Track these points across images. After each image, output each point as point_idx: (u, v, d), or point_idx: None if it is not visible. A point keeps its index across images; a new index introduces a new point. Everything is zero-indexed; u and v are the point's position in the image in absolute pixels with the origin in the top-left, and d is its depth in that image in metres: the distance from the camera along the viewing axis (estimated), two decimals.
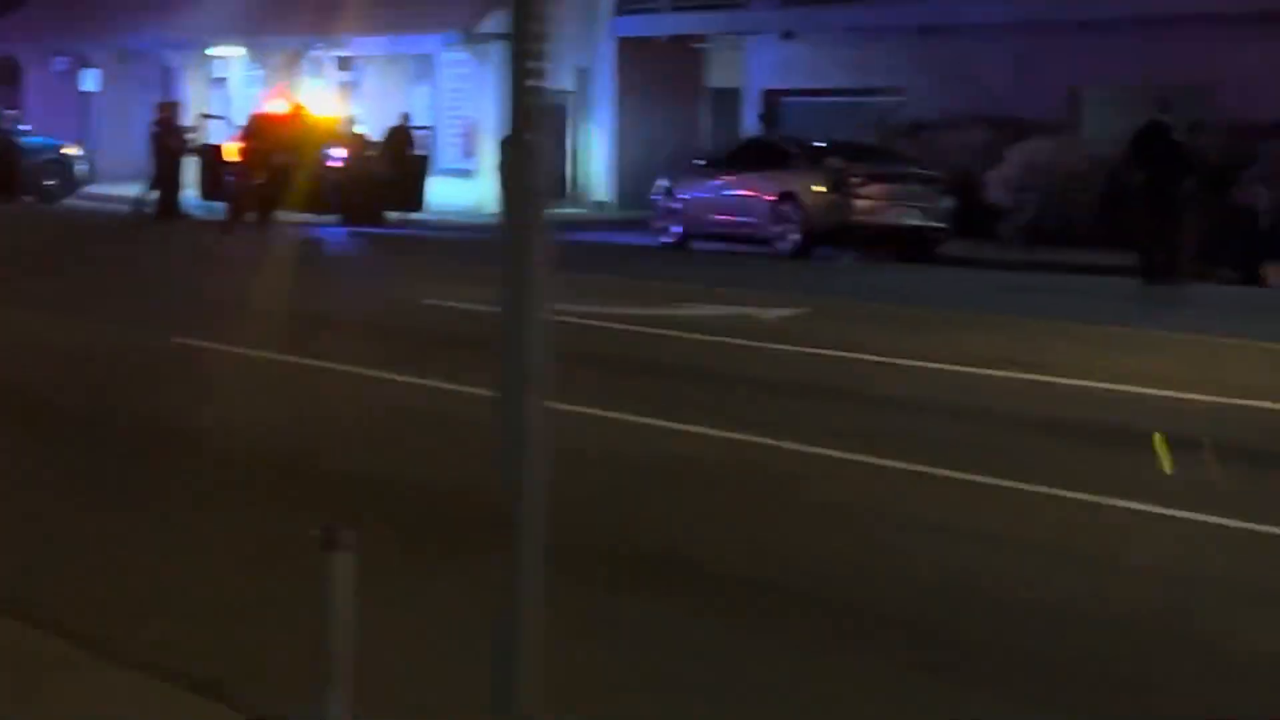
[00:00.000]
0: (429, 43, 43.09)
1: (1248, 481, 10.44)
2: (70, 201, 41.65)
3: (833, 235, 29.46)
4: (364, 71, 45.98)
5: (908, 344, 16.66)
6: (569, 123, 43.15)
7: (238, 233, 32.08)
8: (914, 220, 29.73)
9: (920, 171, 30.36)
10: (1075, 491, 9.73)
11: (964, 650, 6.81)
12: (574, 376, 12.21)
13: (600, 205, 42.20)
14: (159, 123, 37.16)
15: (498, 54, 41.96)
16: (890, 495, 9.77)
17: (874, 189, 29.46)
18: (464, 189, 42.27)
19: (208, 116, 41.13)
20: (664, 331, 17.47)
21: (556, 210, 40.54)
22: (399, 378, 13.66)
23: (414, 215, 37.76)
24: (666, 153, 38.12)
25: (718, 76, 42.11)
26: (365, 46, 44.89)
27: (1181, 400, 13.54)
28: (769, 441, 11.11)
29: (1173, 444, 10.93)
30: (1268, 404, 13.47)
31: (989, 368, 15.16)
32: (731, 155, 32.00)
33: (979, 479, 10.08)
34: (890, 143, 34.19)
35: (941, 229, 29.93)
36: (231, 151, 36.67)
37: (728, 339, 16.84)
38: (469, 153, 43.29)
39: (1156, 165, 24.60)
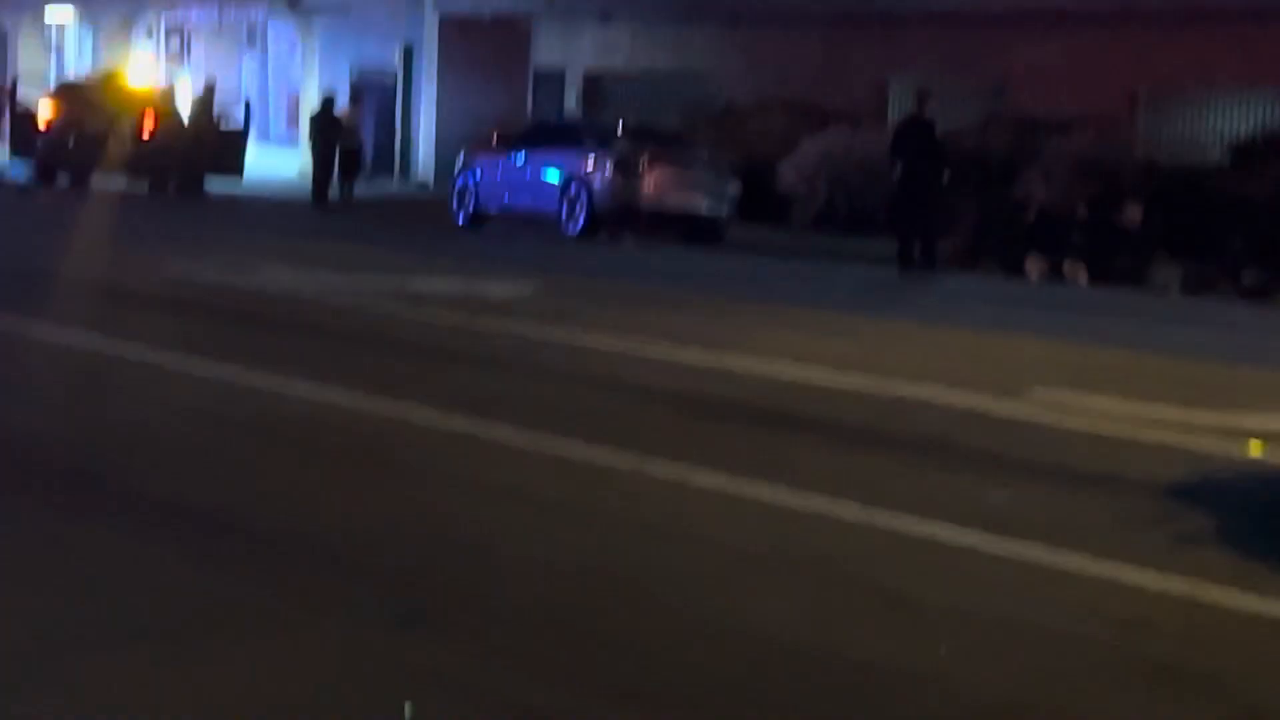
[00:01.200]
0: (255, 12, 43.15)
1: (772, 450, 10.81)
2: None
3: (618, 217, 29.84)
4: (195, 39, 45.96)
5: (607, 320, 17.02)
6: (395, 101, 43.31)
7: (42, 197, 32.23)
8: (699, 205, 30.15)
9: (708, 157, 30.78)
10: (647, 457, 10.06)
11: (442, 599, 7.13)
12: (238, 339, 12.43)
13: (423, 185, 42.40)
14: None
15: (322, 27, 42.13)
16: (462, 457, 10.08)
17: (660, 173, 29.85)
18: (286, 160, 42.35)
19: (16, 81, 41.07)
20: (391, 306, 17.68)
21: (382, 188, 40.97)
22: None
23: (232, 185, 37.89)
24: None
25: (542, 57, 42.38)
26: (195, 16, 44.92)
27: (812, 380, 13.92)
28: (372, 405, 11.39)
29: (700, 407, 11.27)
30: (899, 386, 13.87)
31: (666, 345, 15.47)
32: (524, 135, 32.31)
33: (557, 442, 10.41)
34: (695, 127, 34.63)
35: (727, 214, 30.39)
36: (43, 117, 36.76)
37: (434, 311, 17.12)
38: (293, 123, 43.38)
39: (913, 158, 25.15)
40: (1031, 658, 6.87)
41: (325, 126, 36.41)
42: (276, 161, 42.38)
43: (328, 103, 37.00)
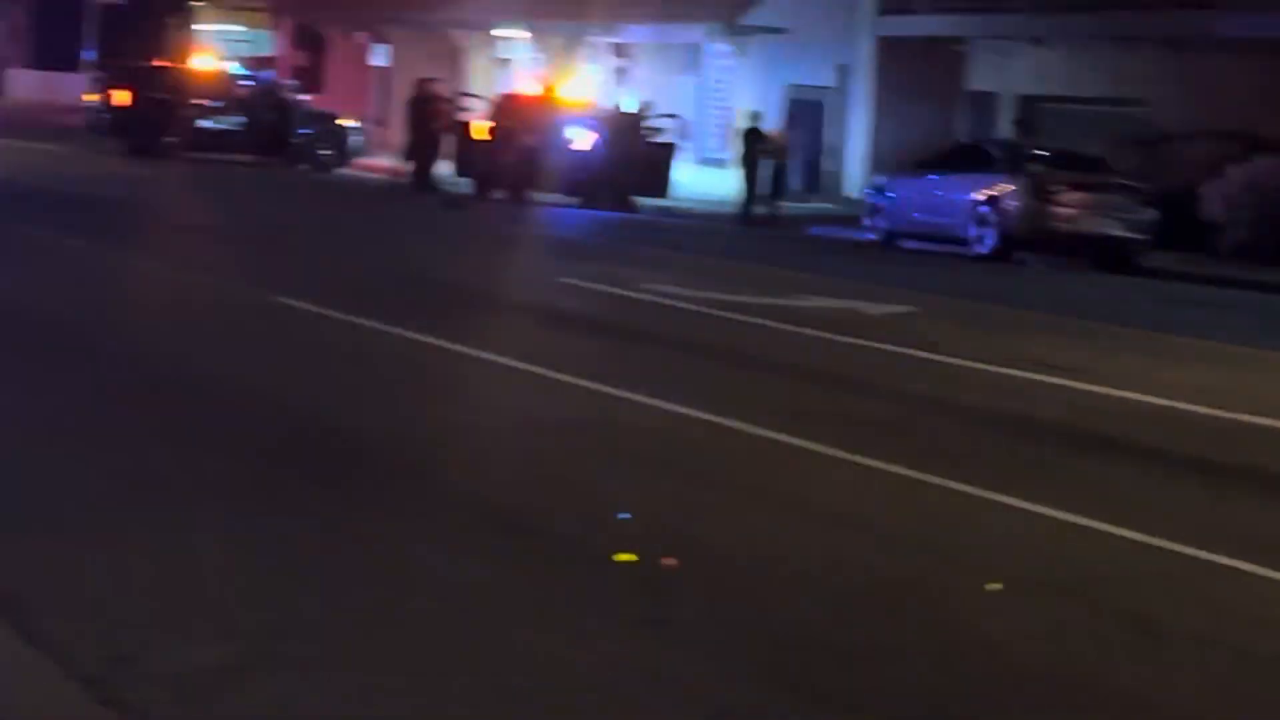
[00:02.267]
0: (695, 33, 44.02)
1: (1101, 479, 10.80)
2: (343, 171, 43.47)
3: (1029, 240, 29.70)
4: (636, 59, 47.09)
5: (977, 343, 17.07)
6: (828, 119, 43.70)
7: (479, 210, 33.51)
8: (1113, 230, 29.80)
9: (1125, 182, 30.40)
10: (961, 478, 10.22)
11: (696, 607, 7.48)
12: (624, 355, 12.93)
13: (851, 201, 42.68)
14: (417, 98, 38.78)
15: (758, 47, 42.77)
16: (788, 472, 10.37)
17: (1074, 197, 29.62)
18: (721, 179, 43.08)
19: (465, 94, 42.55)
20: (761, 320, 18.01)
21: (813, 205, 41.43)
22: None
23: (659, 201, 38.72)
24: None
25: (976, 79, 42.31)
26: (637, 34, 46.02)
27: (1184, 409, 13.79)
28: (717, 419, 11.74)
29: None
30: None
31: (1033, 371, 15.49)
32: (940, 157, 32.37)
33: (879, 465, 10.62)
34: (1118, 153, 34.18)
35: (1141, 240, 29.95)
36: (481, 130, 38.06)
37: (807, 329, 17.39)
38: (728, 143, 44.11)
39: None
40: None
41: (752, 145, 37.05)
42: (710, 181, 43.16)
43: (753, 119, 37.62)
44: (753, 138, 37.40)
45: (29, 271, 18.09)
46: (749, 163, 37.22)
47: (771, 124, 39.35)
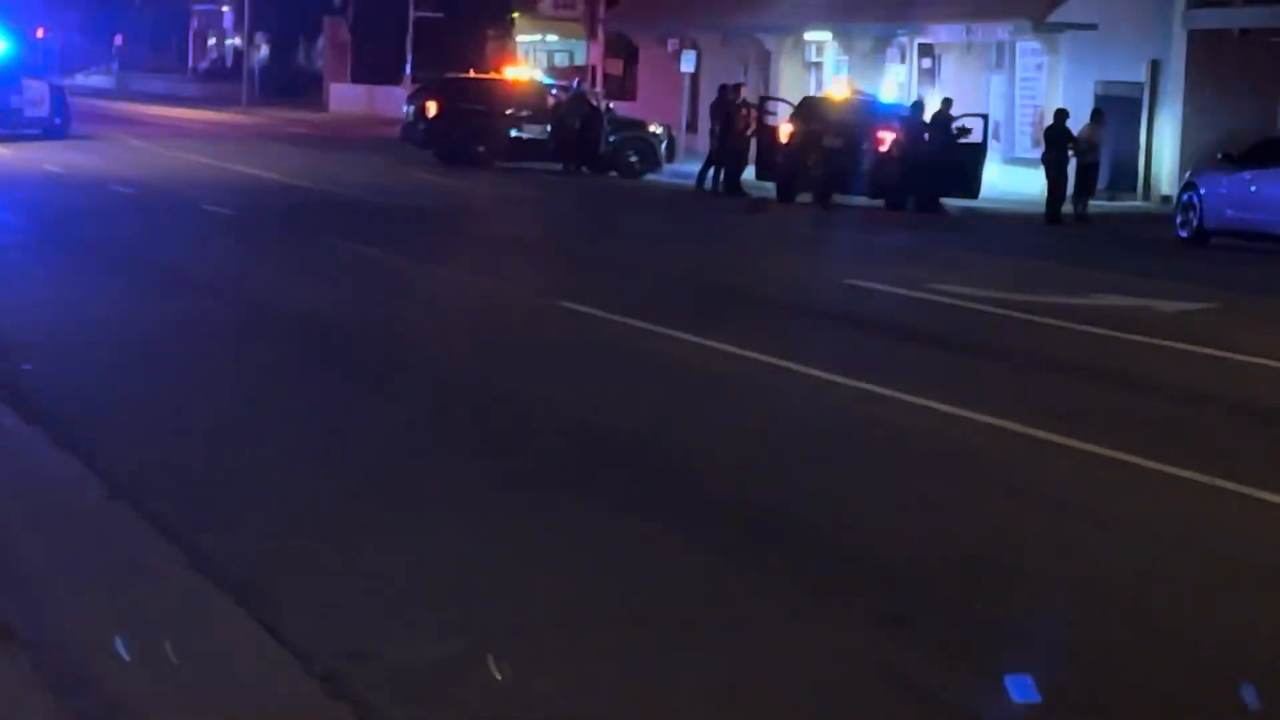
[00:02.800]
0: (1002, 31, 43.49)
1: None
2: (653, 178, 43.77)
3: None
4: (944, 59, 46.70)
5: (1268, 341, 16.62)
6: (1141, 116, 42.85)
7: (780, 214, 33.59)
8: None
9: None
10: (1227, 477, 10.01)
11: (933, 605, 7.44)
12: (913, 356, 12.97)
13: (1165, 199, 41.79)
14: (720, 103, 38.97)
15: (1068, 44, 42.09)
16: (1045, 469, 10.26)
17: None
18: (1031, 178, 42.47)
19: (769, 98, 42.58)
20: (1046, 320, 17.76)
21: (1123, 203, 40.70)
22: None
23: (969, 203, 38.29)
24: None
25: None
26: (944, 34, 45.62)
27: None
28: (991, 419, 11.63)
29: None
30: None
31: None
32: (1254, 151, 31.49)
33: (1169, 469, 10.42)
34: None
35: None
36: (783, 133, 38.04)
37: (1100, 329, 17.09)
38: (1037, 142, 43.45)
39: None
40: None
41: (1058, 143, 36.46)
42: (1020, 180, 42.54)
43: (1059, 116, 37.00)
44: (1058, 136, 36.78)
45: (329, 282, 18.60)
46: (1054, 161, 36.60)
47: (1079, 121, 38.67)
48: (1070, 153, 36.62)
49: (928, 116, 39.13)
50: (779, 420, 11.65)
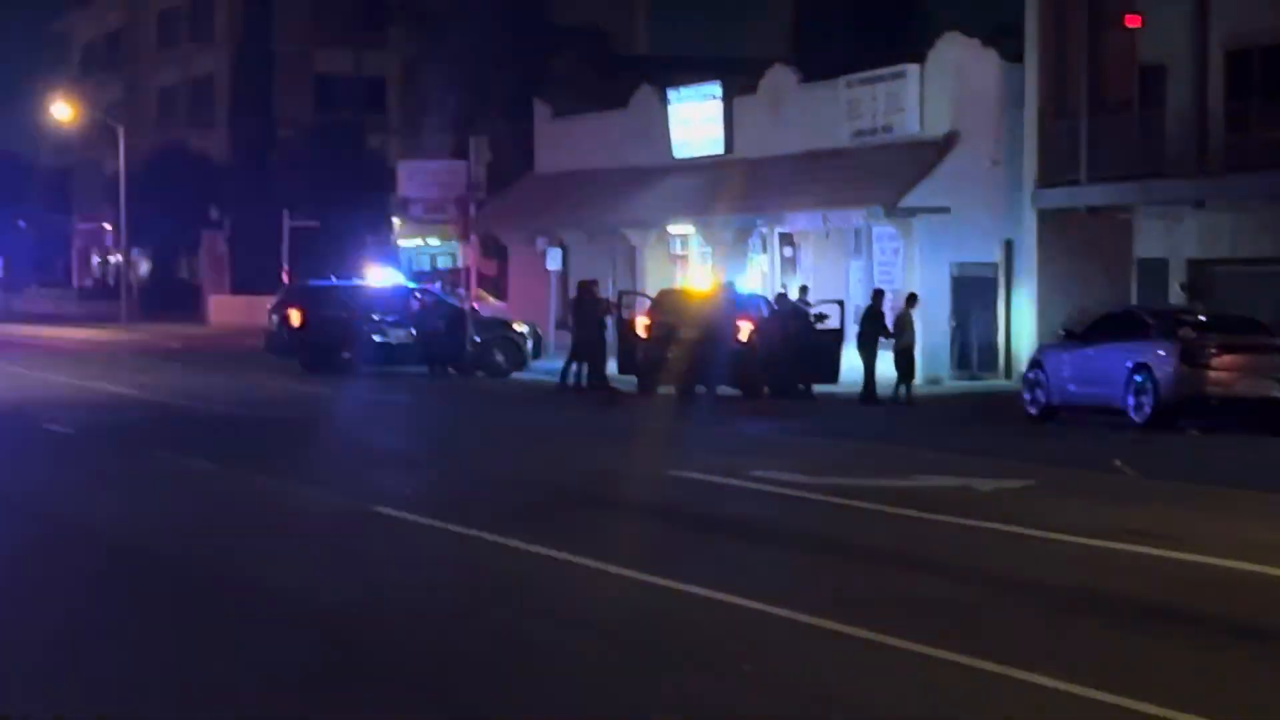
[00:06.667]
0: (857, 217, 44.06)
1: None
2: (520, 376, 43.82)
3: (1185, 406, 29.07)
4: (803, 246, 47.24)
5: (1084, 517, 16.70)
6: (998, 295, 43.39)
7: (635, 406, 33.67)
8: (1275, 393, 29.07)
9: None
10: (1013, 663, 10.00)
11: None
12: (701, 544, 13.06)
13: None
14: (579, 298, 39.24)
15: (922, 227, 42.66)
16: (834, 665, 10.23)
17: (1229, 360, 28.99)
18: (887, 360, 42.80)
19: (628, 293, 42.85)
20: (858, 503, 17.81)
21: (986, 381, 41.06)
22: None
23: (828, 388, 38.45)
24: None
25: (1144, 246, 41.78)
26: (802, 222, 46.19)
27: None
28: (760, 605, 11.63)
29: None
30: None
31: (1130, 543, 15.09)
32: (1092, 326, 31.91)
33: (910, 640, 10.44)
34: None
35: None
36: (642, 326, 38.26)
37: (911, 510, 17.16)
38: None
39: None
40: None
41: (872, 325, 36.80)
42: (885, 362, 42.80)
43: (876, 297, 37.45)
44: (871, 317, 37.11)
45: (137, 497, 18.50)
46: (866, 344, 36.83)
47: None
48: (884, 335, 36.84)
49: (782, 304, 39.53)
50: (536, 612, 11.61)
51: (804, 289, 39.62)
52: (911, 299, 37.71)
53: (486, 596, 12.47)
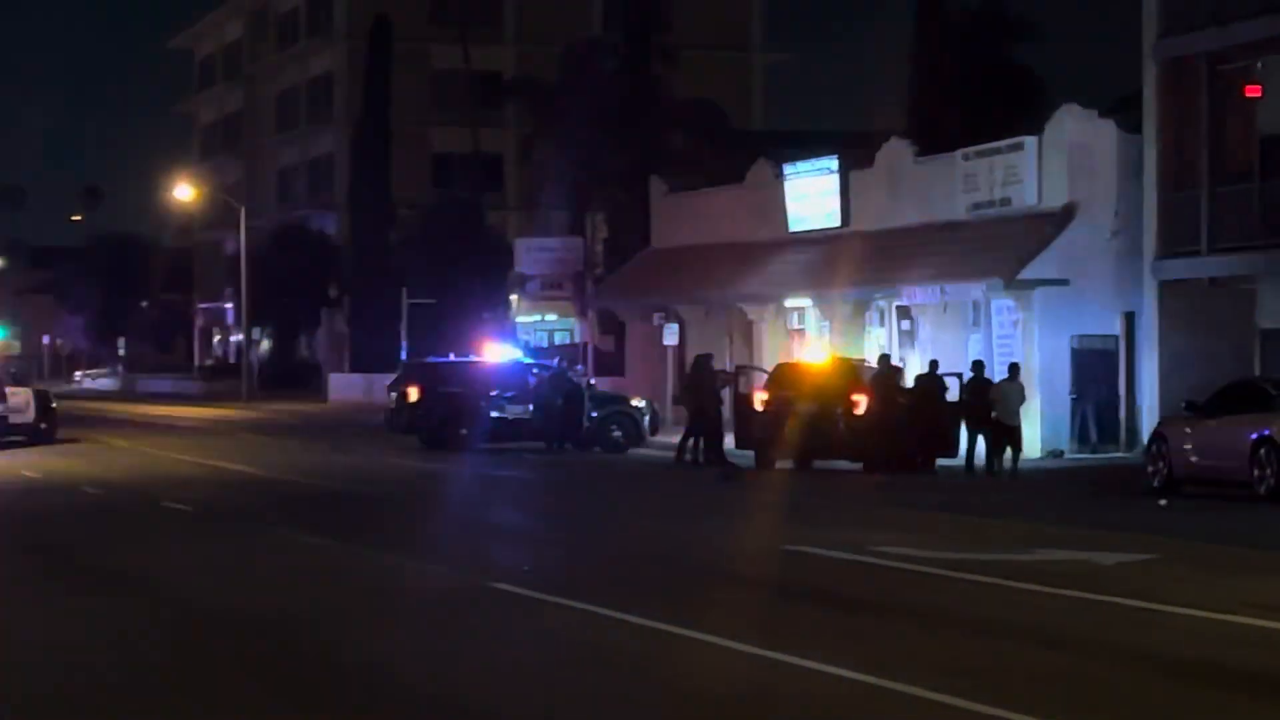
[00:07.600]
0: (976, 290, 43.79)
1: None
2: (638, 452, 43.75)
3: None
4: (919, 320, 46.99)
5: (1204, 592, 16.43)
6: (1119, 367, 43.00)
7: (754, 482, 33.55)
8: None
9: None
10: None
11: None
12: (817, 620, 12.91)
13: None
14: (694, 374, 39.21)
15: (1040, 300, 42.34)
16: None
17: None
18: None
19: (745, 367, 42.79)
20: (980, 578, 17.64)
21: (1107, 454, 40.63)
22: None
23: (948, 462, 38.17)
24: None
25: (1266, 317, 41.30)
26: (919, 295, 45.93)
27: None
28: (874, 680, 11.50)
29: None
30: None
31: (1252, 617, 14.86)
32: (1215, 397, 31.52)
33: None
34: None
35: None
36: (758, 400, 38.16)
37: (1033, 585, 16.94)
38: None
39: None
40: None
41: (978, 393, 36.58)
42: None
43: (976, 368, 37.28)
44: (977, 388, 36.83)
45: (254, 575, 18.59)
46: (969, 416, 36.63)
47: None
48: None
49: (910, 379, 39.37)
50: (674, 693, 11.53)
51: (934, 363, 39.35)
52: (1013, 370, 37.56)
53: (601, 671, 12.40)
